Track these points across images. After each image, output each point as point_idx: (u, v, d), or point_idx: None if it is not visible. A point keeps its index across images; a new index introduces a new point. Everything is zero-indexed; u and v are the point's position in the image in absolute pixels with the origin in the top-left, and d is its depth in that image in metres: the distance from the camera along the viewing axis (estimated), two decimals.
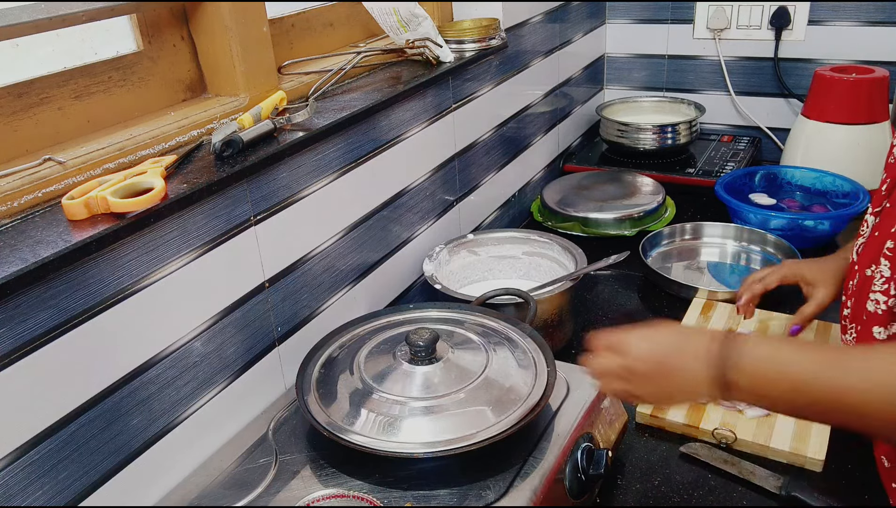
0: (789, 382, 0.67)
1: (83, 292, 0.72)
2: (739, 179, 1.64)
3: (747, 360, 0.69)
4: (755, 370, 0.68)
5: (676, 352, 0.74)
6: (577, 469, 0.84)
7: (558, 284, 1.17)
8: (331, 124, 0.99)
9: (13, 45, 0.79)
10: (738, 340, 0.70)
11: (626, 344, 0.76)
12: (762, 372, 0.68)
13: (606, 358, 0.78)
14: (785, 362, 0.68)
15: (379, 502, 0.75)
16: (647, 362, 0.75)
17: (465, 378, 0.89)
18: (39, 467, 0.70)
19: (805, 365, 0.67)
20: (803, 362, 0.67)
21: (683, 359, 0.73)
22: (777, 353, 0.69)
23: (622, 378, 0.76)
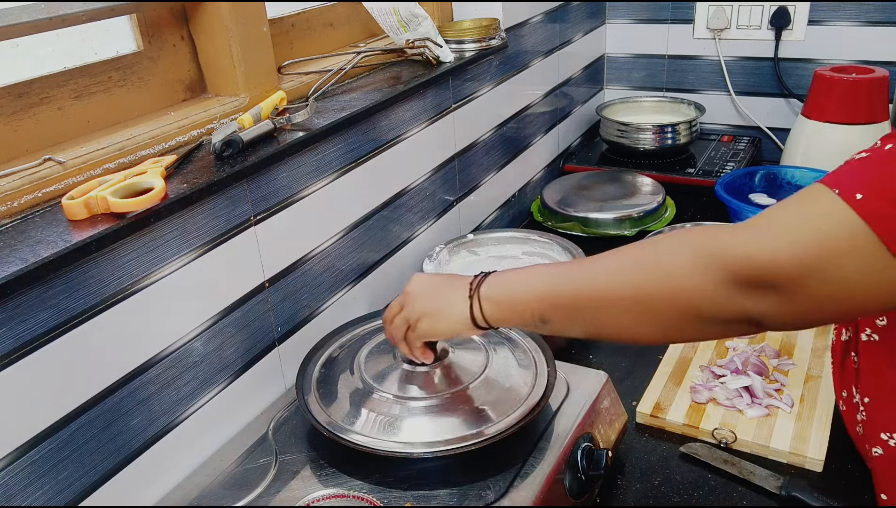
0: (535, 288, 0.74)
1: (83, 292, 0.72)
2: (739, 179, 1.64)
3: (498, 276, 0.78)
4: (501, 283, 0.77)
5: (448, 276, 0.85)
6: (577, 469, 0.84)
7: None
8: (331, 124, 0.99)
9: (13, 45, 0.79)
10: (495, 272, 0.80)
11: (406, 286, 0.85)
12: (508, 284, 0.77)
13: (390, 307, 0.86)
14: (529, 272, 0.76)
15: (379, 502, 0.75)
16: (419, 286, 0.83)
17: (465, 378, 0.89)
18: (39, 467, 0.70)
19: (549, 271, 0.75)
20: (547, 270, 0.76)
21: (451, 279, 0.82)
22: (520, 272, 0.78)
23: (400, 306, 0.84)
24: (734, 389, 1.04)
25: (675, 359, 1.13)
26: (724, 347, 1.15)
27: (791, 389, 1.04)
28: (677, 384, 1.07)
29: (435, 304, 0.81)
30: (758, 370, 1.06)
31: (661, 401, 1.03)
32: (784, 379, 1.06)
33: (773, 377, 1.07)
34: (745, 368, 1.07)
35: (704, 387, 1.05)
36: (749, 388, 1.03)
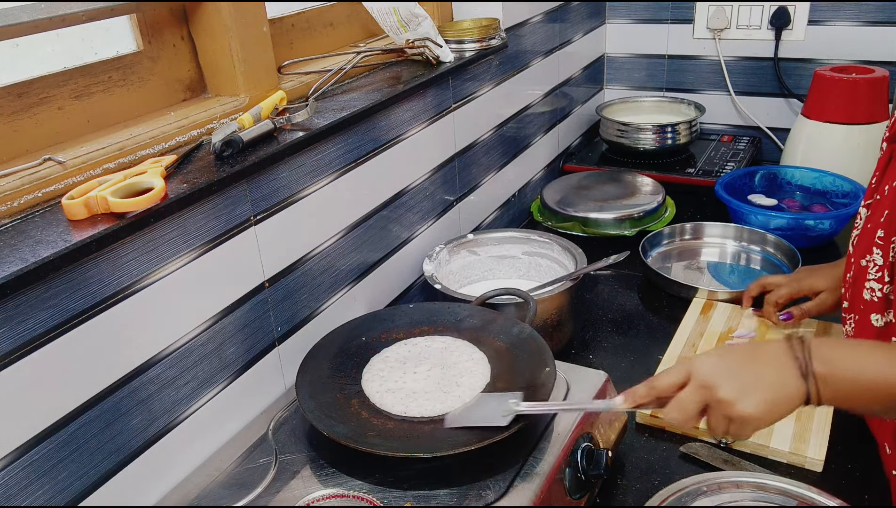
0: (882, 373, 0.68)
1: (83, 292, 0.72)
2: (739, 179, 1.64)
3: (825, 351, 0.69)
4: (835, 361, 0.69)
5: (750, 351, 0.74)
6: (577, 469, 0.84)
7: (558, 284, 1.17)
8: (331, 124, 0.99)
9: (13, 45, 0.79)
10: (809, 338, 0.71)
11: (685, 369, 0.73)
12: (842, 364, 0.69)
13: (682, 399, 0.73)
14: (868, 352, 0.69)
15: (379, 502, 0.75)
16: (721, 371, 0.71)
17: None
18: (39, 467, 0.70)
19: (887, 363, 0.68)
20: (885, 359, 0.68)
21: (761, 354, 0.72)
22: (851, 348, 0.71)
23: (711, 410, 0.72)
24: None
25: (675, 359, 1.13)
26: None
27: None
28: None
29: (753, 388, 0.70)
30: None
31: None
32: None
33: None
34: None
35: None
36: None
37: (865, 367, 0.69)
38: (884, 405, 0.70)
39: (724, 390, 0.70)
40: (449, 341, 0.99)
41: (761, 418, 0.70)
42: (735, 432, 0.72)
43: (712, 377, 0.71)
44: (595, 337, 1.24)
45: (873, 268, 0.86)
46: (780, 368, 0.70)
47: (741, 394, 0.70)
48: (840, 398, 0.70)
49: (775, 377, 0.70)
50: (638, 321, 1.29)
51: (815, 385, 0.69)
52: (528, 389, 0.87)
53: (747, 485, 0.85)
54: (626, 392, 0.77)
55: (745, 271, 1.43)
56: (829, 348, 0.70)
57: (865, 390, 0.69)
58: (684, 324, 1.22)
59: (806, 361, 0.69)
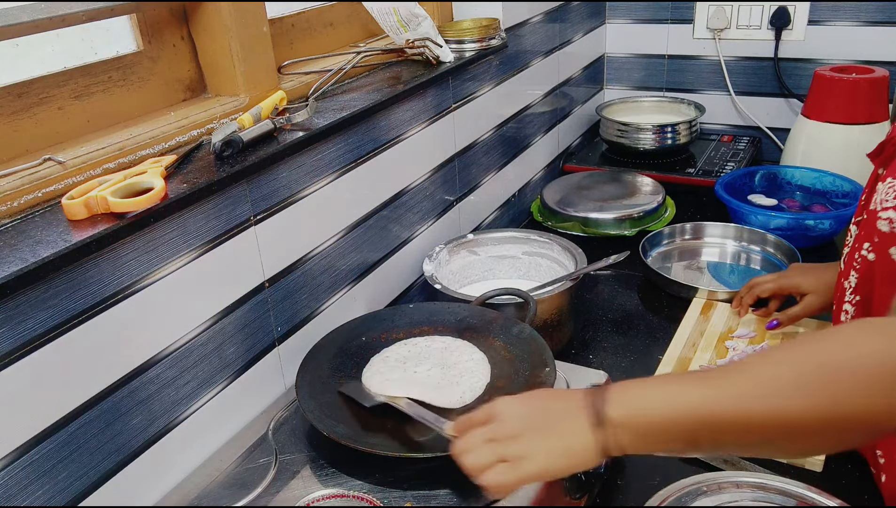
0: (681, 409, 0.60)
1: (83, 292, 0.72)
2: (739, 179, 1.64)
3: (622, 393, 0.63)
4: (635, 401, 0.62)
5: (547, 395, 0.69)
6: None
7: (558, 284, 1.17)
8: (331, 124, 0.99)
9: (13, 45, 0.79)
10: (609, 386, 0.65)
11: (489, 408, 0.68)
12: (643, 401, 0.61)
13: (471, 433, 0.68)
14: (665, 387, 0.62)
15: (379, 502, 0.75)
16: (514, 410, 0.66)
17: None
18: (39, 467, 0.70)
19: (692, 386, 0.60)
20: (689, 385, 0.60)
21: (554, 400, 0.67)
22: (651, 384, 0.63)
23: (489, 441, 0.65)
24: None
25: (675, 359, 1.13)
26: (724, 347, 1.15)
27: None
28: None
29: (542, 436, 0.63)
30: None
31: None
32: None
33: None
34: None
35: None
36: None
37: (662, 398, 0.61)
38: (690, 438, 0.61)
39: (510, 421, 0.65)
40: (449, 341, 0.99)
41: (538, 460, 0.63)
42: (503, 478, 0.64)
43: (504, 408, 0.67)
44: (595, 337, 1.24)
45: (849, 290, 0.86)
46: (572, 412, 0.63)
47: (525, 429, 0.64)
48: (642, 440, 0.62)
49: (567, 422, 0.63)
50: (638, 321, 1.29)
51: (612, 433, 0.61)
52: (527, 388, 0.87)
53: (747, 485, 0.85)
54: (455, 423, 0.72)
55: (745, 271, 1.43)
56: (626, 391, 0.63)
57: (667, 423, 0.60)
58: (684, 324, 1.22)
59: (599, 405, 0.62)
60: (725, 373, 0.60)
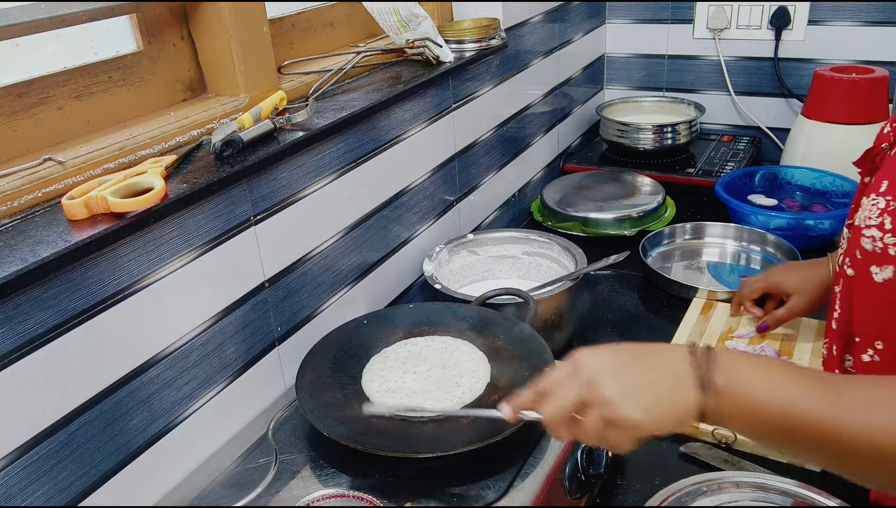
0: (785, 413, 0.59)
1: (83, 292, 0.72)
2: (739, 179, 1.64)
3: (730, 364, 0.61)
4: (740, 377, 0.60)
5: (647, 351, 0.65)
6: (577, 469, 0.84)
7: (558, 284, 1.17)
8: (331, 124, 0.99)
9: (13, 45, 0.79)
10: (717, 347, 0.63)
11: (573, 362, 0.64)
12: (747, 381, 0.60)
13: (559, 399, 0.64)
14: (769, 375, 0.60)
15: (379, 502, 0.75)
16: (606, 360, 0.63)
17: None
18: (39, 467, 0.70)
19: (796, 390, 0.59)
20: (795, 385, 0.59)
21: (658, 356, 0.64)
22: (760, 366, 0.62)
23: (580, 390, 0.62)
24: None
25: None
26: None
27: None
28: None
29: (641, 389, 0.61)
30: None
31: None
32: None
33: None
34: None
35: None
36: None
37: (774, 390, 0.59)
38: (787, 439, 0.61)
39: (608, 387, 0.61)
40: (449, 341, 0.99)
41: (643, 425, 0.61)
42: (611, 439, 0.62)
43: (596, 371, 0.63)
44: (595, 337, 1.24)
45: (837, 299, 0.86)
46: (676, 374, 0.61)
47: (626, 395, 0.61)
48: (739, 417, 0.61)
49: (669, 382, 0.61)
50: (638, 321, 1.29)
51: (713, 399, 0.60)
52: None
53: (747, 485, 0.85)
54: (511, 403, 0.69)
55: (745, 271, 1.43)
56: (735, 361, 0.61)
57: (769, 415, 0.59)
58: (684, 324, 1.22)
59: (707, 371, 0.60)
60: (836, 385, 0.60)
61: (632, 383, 0.62)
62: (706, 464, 0.94)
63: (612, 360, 0.64)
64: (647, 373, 0.62)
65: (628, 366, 0.63)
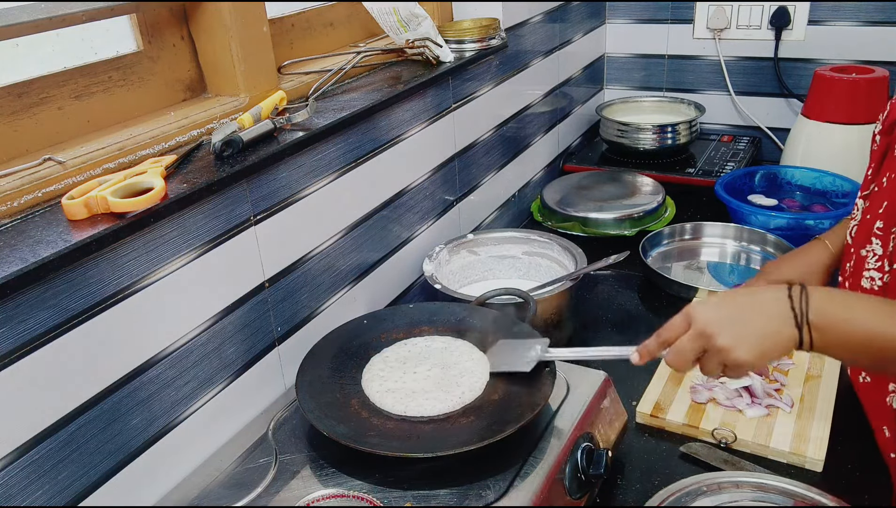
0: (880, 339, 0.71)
1: (83, 292, 0.72)
2: (739, 179, 1.64)
3: (823, 301, 0.73)
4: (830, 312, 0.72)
5: (749, 299, 0.77)
6: (577, 469, 0.84)
7: (558, 284, 1.17)
8: (331, 124, 0.99)
9: (13, 45, 0.79)
10: (811, 287, 0.74)
11: (688, 316, 0.77)
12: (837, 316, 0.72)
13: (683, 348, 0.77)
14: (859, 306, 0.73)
15: (379, 502, 0.75)
16: (721, 322, 0.75)
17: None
18: (39, 467, 0.70)
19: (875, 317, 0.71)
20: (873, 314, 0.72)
21: (759, 303, 0.75)
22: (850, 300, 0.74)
23: (699, 341, 0.76)
24: (734, 389, 1.04)
25: None
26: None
27: (791, 389, 1.04)
28: (677, 384, 1.07)
29: (749, 336, 0.74)
30: (757, 370, 1.06)
31: (661, 401, 1.03)
32: (784, 379, 1.06)
33: (773, 377, 1.07)
34: None
35: (704, 387, 1.05)
36: (749, 388, 1.04)
37: (859, 320, 0.72)
38: (873, 360, 0.74)
39: (722, 338, 0.74)
40: (449, 341, 0.99)
41: (754, 363, 0.74)
42: (729, 374, 0.77)
43: (711, 325, 0.75)
44: (595, 337, 1.24)
45: (873, 258, 0.88)
46: (776, 317, 0.73)
47: (737, 342, 0.74)
48: (831, 347, 0.74)
49: (772, 325, 0.73)
50: (638, 321, 1.29)
51: (808, 334, 0.73)
52: (527, 387, 0.87)
53: (747, 485, 0.85)
54: (639, 349, 0.83)
55: (745, 271, 1.43)
56: (828, 299, 0.73)
57: (856, 342, 0.72)
58: None
59: (803, 311, 0.73)
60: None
61: (741, 331, 0.74)
62: (706, 464, 0.94)
63: (721, 312, 0.76)
64: (752, 320, 0.75)
65: (737, 316, 0.75)
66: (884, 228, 0.87)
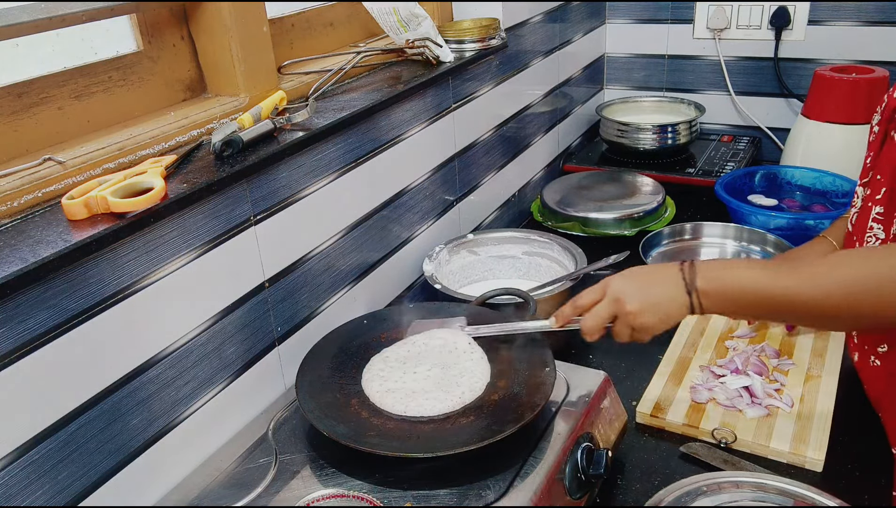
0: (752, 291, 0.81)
1: (83, 292, 0.72)
2: (739, 179, 1.64)
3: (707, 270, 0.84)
4: (714, 278, 0.83)
5: (651, 272, 0.88)
6: (577, 469, 0.84)
7: (558, 284, 1.17)
8: (331, 124, 0.99)
9: (13, 45, 0.79)
10: (698, 261, 0.85)
11: (603, 289, 0.88)
12: (720, 279, 0.82)
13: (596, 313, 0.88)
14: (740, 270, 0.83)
15: (379, 502, 0.75)
16: (630, 290, 0.86)
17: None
18: (39, 467, 0.70)
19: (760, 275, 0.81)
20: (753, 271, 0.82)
21: (659, 275, 0.86)
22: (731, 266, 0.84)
23: (612, 307, 0.86)
24: (734, 389, 1.04)
25: (674, 359, 1.13)
26: (724, 347, 1.15)
27: (791, 389, 1.04)
28: (677, 384, 1.07)
29: (652, 303, 0.84)
30: (758, 370, 1.06)
31: (661, 401, 1.03)
32: (784, 379, 1.06)
33: (773, 377, 1.06)
34: (744, 368, 1.07)
35: (704, 387, 1.05)
36: (749, 388, 1.03)
37: (735, 278, 0.82)
38: (755, 311, 0.87)
39: (631, 303, 0.85)
40: (449, 340, 0.99)
41: (656, 326, 0.85)
42: (636, 338, 0.87)
43: (622, 292, 0.86)
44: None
45: (875, 242, 0.90)
46: (672, 285, 0.84)
47: (642, 307, 0.84)
48: (718, 306, 0.84)
49: (668, 293, 0.84)
50: None
51: (696, 298, 0.83)
52: (527, 388, 0.87)
53: (747, 485, 0.85)
54: (555, 313, 0.92)
55: None
56: (710, 266, 0.84)
57: (735, 297, 0.82)
58: (684, 324, 1.22)
59: (691, 278, 0.83)
60: (793, 267, 0.81)
61: (645, 298, 0.85)
62: (706, 464, 0.94)
63: (631, 282, 0.87)
64: (654, 289, 0.85)
65: (642, 285, 0.86)
66: (884, 213, 0.89)
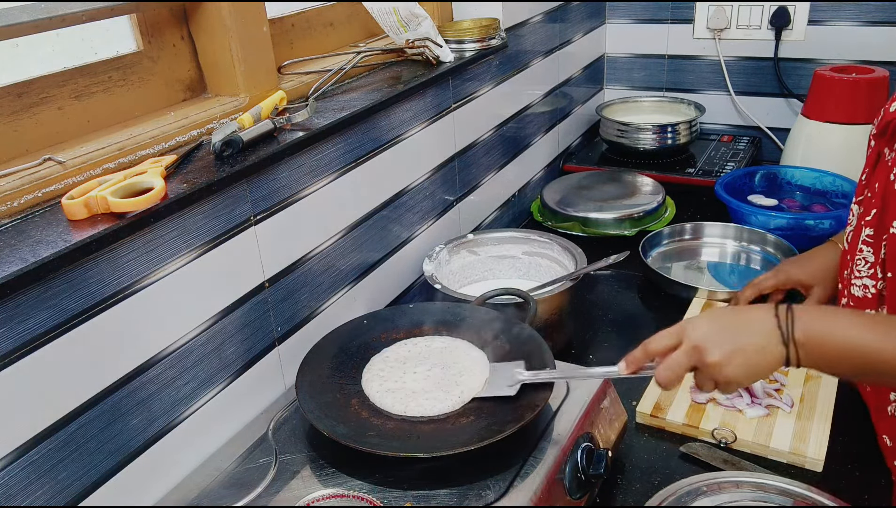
0: (858, 355, 0.73)
1: (83, 292, 0.72)
2: (739, 179, 1.64)
3: (807, 319, 0.74)
4: (814, 330, 0.74)
5: (738, 317, 0.78)
6: (577, 469, 0.84)
7: (558, 284, 1.17)
8: (331, 124, 0.99)
9: (13, 45, 0.79)
10: (796, 306, 0.76)
11: (680, 331, 0.78)
12: (820, 332, 0.74)
13: (674, 363, 0.77)
14: (843, 322, 0.75)
15: (379, 502, 0.75)
16: (712, 338, 0.76)
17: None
18: (39, 467, 0.70)
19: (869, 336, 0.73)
20: (857, 329, 0.74)
21: (748, 321, 0.77)
22: (832, 317, 0.76)
23: (691, 357, 0.76)
24: None
25: None
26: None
27: (791, 389, 1.04)
28: None
29: (739, 354, 0.75)
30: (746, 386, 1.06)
31: (661, 401, 1.03)
32: (784, 379, 1.06)
33: (773, 377, 1.06)
34: None
35: None
36: (749, 388, 1.03)
37: (840, 335, 0.74)
38: (856, 371, 0.76)
39: (713, 354, 0.75)
40: (449, 341, 0.99)
41: (744, 380, 0.76)
42: (721, 391, 0.78)
43: (703, 341, 0.76)
44: (595, 337, 1.24)
45: (865, 265, 0.88)
46: (764, 334, 0.75)
47: (728, 359, 0.75)
48: (816, 362, 0.75)
49: (760, 342, 0.75)
50: (638, 321, 1.29)
51: (794, 351, 0.74)
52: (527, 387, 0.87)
53: (747, 485, 0.85)
54: (625, 358, 0.82)
55: (745, 271, 1.43)
56: (811, 316, 0.75)
57: (837, 355, 0.74)
58: None
59: (789, 329, 0.74)
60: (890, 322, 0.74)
61: (730, 348, 0.75)
62: (706, 464, 0.94)
63: (713, 327, 0.77)
64: (742, 338, 0.76)
65: (726, 332, 0.76)
66: (874, 235, 0.87)
